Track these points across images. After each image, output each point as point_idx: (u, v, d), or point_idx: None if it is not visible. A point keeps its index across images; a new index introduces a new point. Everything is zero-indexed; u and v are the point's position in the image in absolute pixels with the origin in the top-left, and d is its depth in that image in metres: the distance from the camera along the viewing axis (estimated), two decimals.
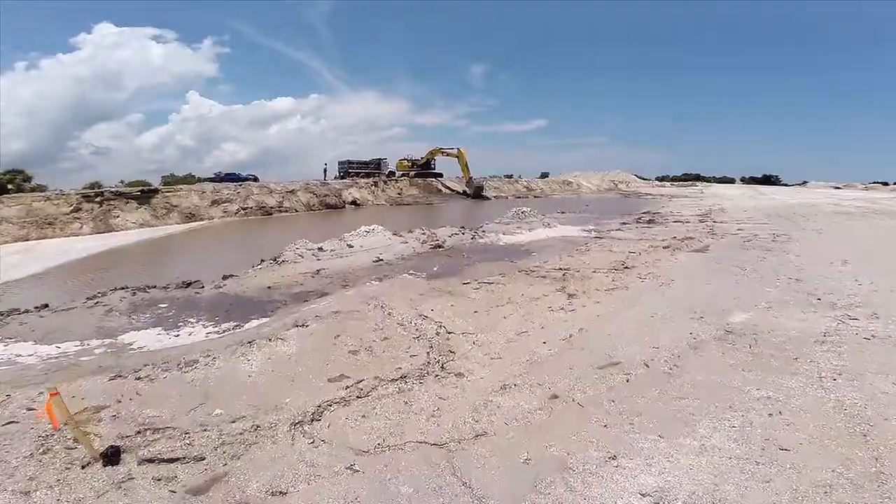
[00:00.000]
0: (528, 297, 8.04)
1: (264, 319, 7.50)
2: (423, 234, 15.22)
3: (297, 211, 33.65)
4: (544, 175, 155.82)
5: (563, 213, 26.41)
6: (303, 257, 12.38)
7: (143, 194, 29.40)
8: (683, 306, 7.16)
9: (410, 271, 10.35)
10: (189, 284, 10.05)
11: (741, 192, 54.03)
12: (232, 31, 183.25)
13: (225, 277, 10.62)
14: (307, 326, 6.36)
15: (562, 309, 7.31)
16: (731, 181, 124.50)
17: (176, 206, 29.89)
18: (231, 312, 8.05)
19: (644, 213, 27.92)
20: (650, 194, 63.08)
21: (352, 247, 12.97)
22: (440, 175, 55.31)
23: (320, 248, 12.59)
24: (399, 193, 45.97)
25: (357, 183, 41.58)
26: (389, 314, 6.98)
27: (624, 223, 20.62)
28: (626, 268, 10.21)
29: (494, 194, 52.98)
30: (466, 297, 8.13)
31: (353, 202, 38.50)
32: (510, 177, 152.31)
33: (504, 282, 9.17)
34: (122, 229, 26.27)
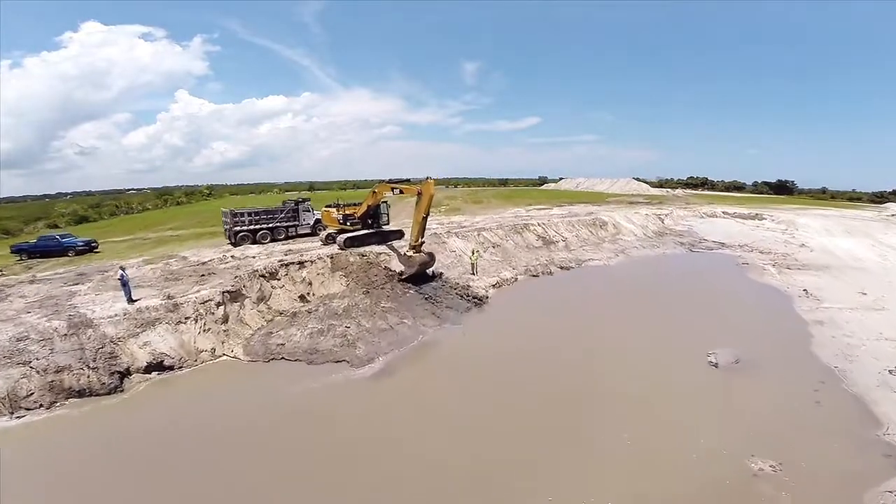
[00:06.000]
0: None
1: None
2: None
3: None
4: (542, 180, 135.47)
5: None
6: None
7: None
8: None
9: None
10: None
11: (870, 251, 33.74)
12: (222, 29, 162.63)
13: None
14: None
15: None
16: (742, 187, 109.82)
17: None
18: None
19: None
20: (724, 244, 41.68)
21: None
22: (399, 234, 29.53)
23: None
24: (301, 298, 20.61)
25: (178, 305, 16.50)
26: None
27: None
28: None
29: (495, 268, 28.05)
30: None
31: (158, 365, 14.67)
32: (505, 183, 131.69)
33: None
34: None
